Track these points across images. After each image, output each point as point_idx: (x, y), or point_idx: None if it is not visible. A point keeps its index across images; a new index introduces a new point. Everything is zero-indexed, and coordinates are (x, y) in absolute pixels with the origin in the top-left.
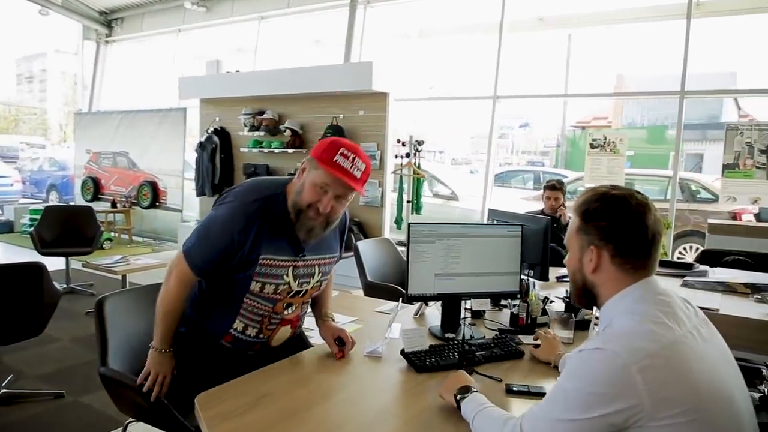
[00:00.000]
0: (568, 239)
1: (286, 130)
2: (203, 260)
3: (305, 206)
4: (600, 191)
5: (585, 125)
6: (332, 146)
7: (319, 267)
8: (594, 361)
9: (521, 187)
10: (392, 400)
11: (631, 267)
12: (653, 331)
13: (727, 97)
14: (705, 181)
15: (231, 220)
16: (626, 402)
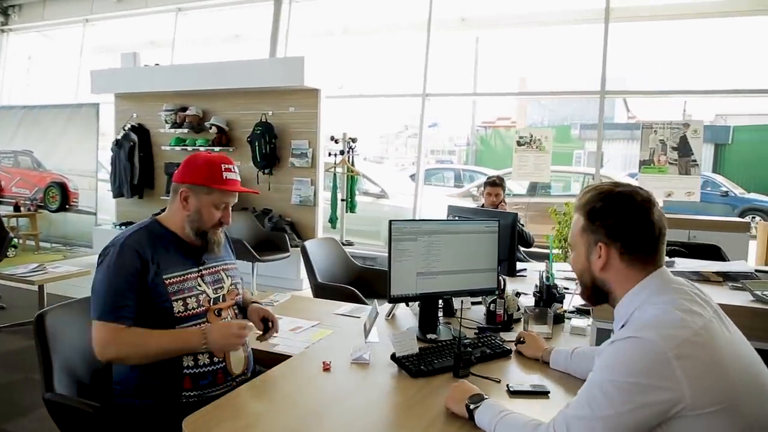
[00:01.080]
0: (572, 239)
1: (211, 127)
2: (120, 306)
3: (209, 227)
4: (604, 189)
5: (490, 125)
6: (211, 166)
7: (224, 272)
8: (629, 350)
9: (441, 184)
10: (398, 410)
11: (641, 262)
12: (683, 318)
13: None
14: (616, 176)
15: (122, 259)
16: (667, 393)
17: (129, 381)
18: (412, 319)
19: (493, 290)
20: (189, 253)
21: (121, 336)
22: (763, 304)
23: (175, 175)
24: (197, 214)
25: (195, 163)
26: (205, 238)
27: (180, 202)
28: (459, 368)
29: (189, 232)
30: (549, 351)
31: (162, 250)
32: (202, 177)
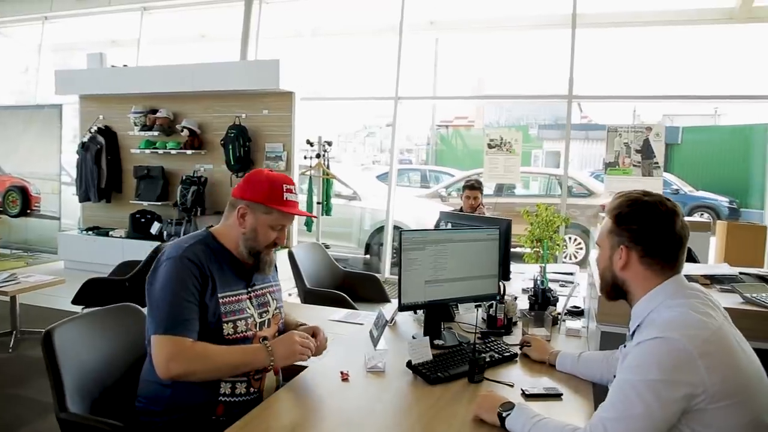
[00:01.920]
0: (600, 239)
1: (183, 130)
2: (186, 319)
3: (263, 248)
4: (633, 197)
5: (448, 124)
6: (274, 185)
7: (270, 294)
8: (657, 350)
9: (407, 185)
10: (424, 419)
11: (659, 267)
12: (701, 320)
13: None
14: (579, 177)
15: (184, 271)
16: (692, 388)
17: (159, 398)
18: (413, 325)
19: (494, 296)
20: (241, 272)
21: (190, 350)
22: (754, 305)
23: (235, 190)
24: (253, 233)
25: (257, 180)
26: (258, 258)
27: (237, 219)
28: (474, 373)
29: (243, 250)
30: (555, 354)
31: (217, 266)
32: (263, 195)
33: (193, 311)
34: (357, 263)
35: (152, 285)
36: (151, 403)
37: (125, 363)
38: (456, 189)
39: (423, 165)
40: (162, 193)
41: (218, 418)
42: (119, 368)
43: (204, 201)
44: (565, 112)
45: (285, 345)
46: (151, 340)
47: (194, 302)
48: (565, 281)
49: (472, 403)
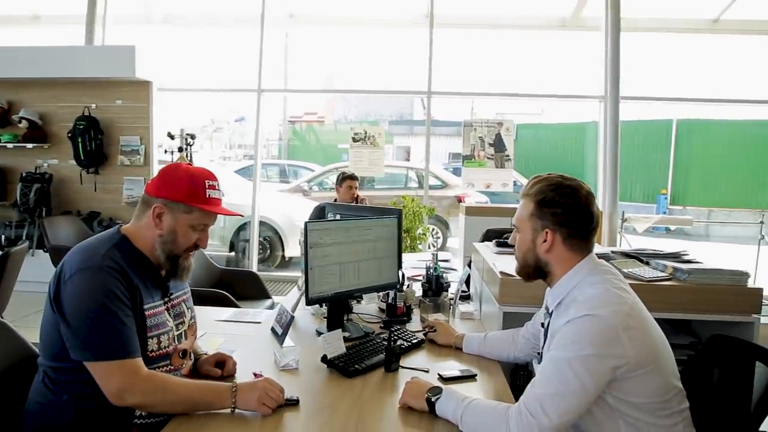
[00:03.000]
0: (519, 222)
1: (21, 121)
2: (128, 337)
3: (183, 251)
4: (555, 181)
5: (298, 120)
6: (194, 181)
7: (185, 303)
8: (588, 327)
9: (265, 180)
10: (352, 412)
11: (578, 247)
12: (620, 295)
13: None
14: (435, 170)
15: (108, 282)
16: (618, 353)
17: (58, 424)
18: (310, 320)
19: (395, 285)
20: (158, 280)
21: (145, 377)
22: (632, 279)
23: (149, 186)
24: (171, 235)
25: (175, 175)
26: (176, 263)
27: (152, 219)
28: (391, 362)
29: (160, 254)
30: (461, 337)
31: (137, 274)
32: (182, 193)
33: (132, 325)
34: (221, 261)
35: (68, 301)
36: (47, 428)
37: None
38: (318, 183)
39: (282, 160)
40: None
41: None
42: None
43: (50, 200)
44: (410, 109)
45: (252, 392)
46: (88, 366)
47: (130, 315)
48: (446, 268)
49: (394, 391)
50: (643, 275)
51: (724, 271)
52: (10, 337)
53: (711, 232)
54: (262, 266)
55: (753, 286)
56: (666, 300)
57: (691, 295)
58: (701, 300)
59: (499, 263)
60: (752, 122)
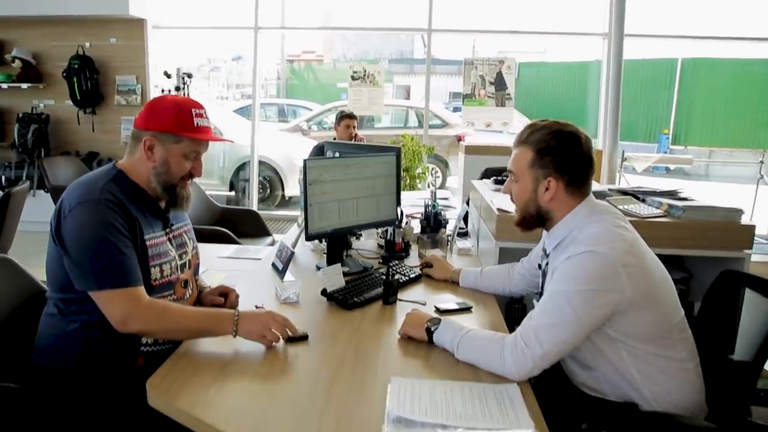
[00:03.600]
0: (518, 171)
1: (14, 61)
2: (130, 266)
3: (179, 180)
4: (553, 128)
5: (296, 58)
6: (180, 111)
7: (186, 234)
8: (588, 262)
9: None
10: (352, 343)
11: (579, 191)
12: (621, 233)
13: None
14: (435, 109)
15: (107, 214)
16: (616, 288)
17: (69, 353)
18: (310, 255)
19: (393, 221)
20: (157, 211)
21: (147, 305)
22: (629, 216)
23: (137, 120)
24: (165, 166)
25: (161, 107)
26: (174, 193)
27: (144, 152)
28: (389, 295)
29: (156, 186)
30: (457, 272)
31: (136, 206)
32: (170, 123)
33: (133, 255)
34: (221, 200)
35: (69, 234)
36: (58, 359)
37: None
38: (317, 122)
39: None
40: None
41: (139, 369)
42: None
43: (48, 141)
44: (411, 47)
45: (254, 323)
46: (93, 295)
47: (130, 245)
48: (445, 206)
49: (392, 323)
50: (639, 212)
51: (717, 208)
52: (18, 274)
53: (711, 172)
54: (262, 205)
55: (746, 223)
56: (660, 236)
57: (685, 231)
58: (694, 236)
59: (497, 200)
60: (758, 60)
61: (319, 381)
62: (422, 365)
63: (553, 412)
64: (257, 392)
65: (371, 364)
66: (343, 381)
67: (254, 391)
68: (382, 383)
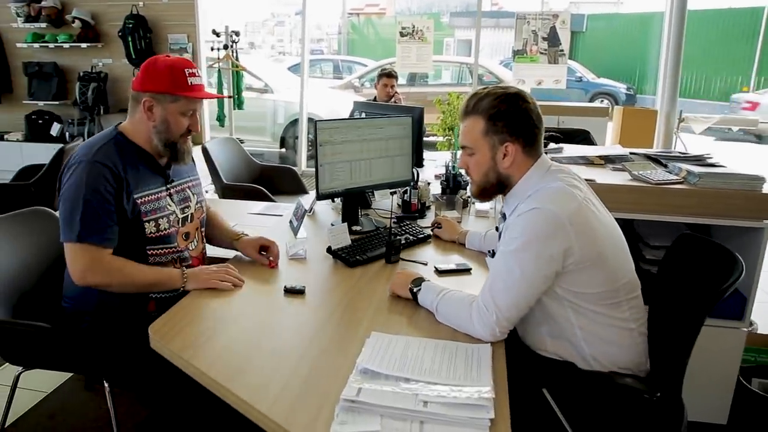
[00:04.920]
0: (473, 142)
1: (74, 21)
2: (103, 227)
3: (178, 137)
4: (498, 93)
5: (359, 12)
6: (175, 71)
7: (190, 189)
8: (535, 219)
9: (320, 76)
10: (347, 298)
11: (533, 151)
12: (572, 193)
13: None
14: (489, 65)
15: (95, 176)
16: (564, 244)
17: (89, 299)
18: (331, 214)
19: (408, 182)
20: (157, 169)
21: (107, 264)
22: (639, 181)
23: (134, 82)
24: (164, 124)
25: (155, 69)
26: (175, 149)
27: (144, 113)
28: (390, 255)
29: (157, 143)
30: (464, 234)
31: (132, 165)
32: (166, 83)
33: (109, 217)
34: (272, 157)
35: (64, 190)
36: (80, 304)
37: (41, 267)
38: (369, 79)
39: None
40: (58, 92)
41: (150, 314)
42: (36, 272)
43: (107, 98)
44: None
45: (201, 274)
46: (65, 245)
47: (110, 207)
48: None
49: (390, 280)
50: (650, 178)
51: (737, 175)
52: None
53: None
54: (311, 163)
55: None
56: (668, 203)
57: (696, 198)
58: (707, 204)
59: None
60: None
61: (304, 332)
62: (406, 323)
63: (513, 371)
64: (244, 341)
65: (358, 319)
66: (327, 333)
67: (242, 341)
68: (362, 337)
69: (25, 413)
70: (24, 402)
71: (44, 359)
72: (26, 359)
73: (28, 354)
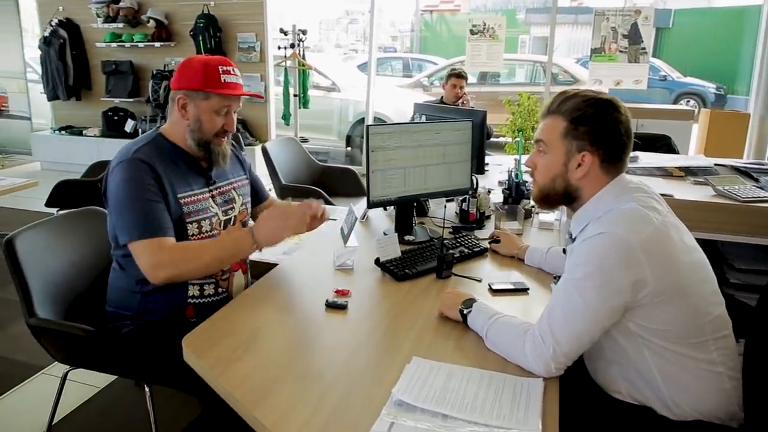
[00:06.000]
0: (549, 142)
1: (149, 21)
2: (159, 219)
3: (212, 136)
4: (588, 96)
5: (433, 9)
6: (208, 69)
7: (236, 191)
8: (601, 245)
9: (390, 74)
10: (390, 315)
11: (613, 168)
12: (647, 215)
13: None
14: (565, 64)
15: (136, 173)
16: (634, 275)
17: (129, 304)
18: (385, 221)
19: (467, 190)
20: (199, 170)
21: (173, 253)
22: (725, 198)
23: (172, 82)
24: (197, 123)
25: (190, 67)
26: (209, 149)
27: (178, 111)
28: (442, 269)
29: (191, 143)
30: (524, 249)
31: (173, 166)
32: (198, 81)
33: (160, 209)
34: (339, 156)
35: (110, 192)
36: (122, 308)
37: (95, 267)
38: (439, 78)
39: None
40: (133, 89)
41: (189, 320)
42: (89, 273)
43: None
44: None
45: (268, 227)
46: (128, 247)
47: (159, 200)
48: None
49: (439, 298)
50: (737, 194)
51: None
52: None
53: None
54: None
55: None
56: (759, 224)
57: None
58: None
59: None
60: None
61: (339, 354)
62: (453, 347)
63: (570, 410)
64: (276, 360)
65: (400, 340)
66: (363, 356)
67: (274, 359)
68: (402, 362)
69: (76, 409)
70: (76, 398)
71: (87, 360)
72: (71, 359)
73: (72, 354)
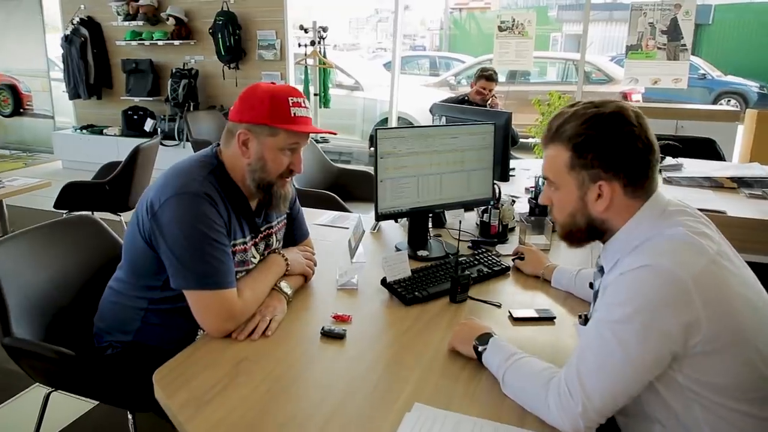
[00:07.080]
0: (556, 178)
1: (168, 19)
2: (228, 265)
3: (276, 178)
4: (587, 113)
5: (464, 6)
6: (276, 100)
7: (275, 234)
8: (645, 280)
9: (417, 73)
10: (394, 346)
11: (641, 189)
12: (699, 244)
13: None
14: (598, 62)
15: (207, 210)
16: (686, 316)
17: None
18: (399, 232)
19: (488, 201)
20: (248, 214)
21: (237, 305)
22: None
23: (232, 112)
24: (260, 162)
25: (254, 97)
26: (270, 192)
27: (238, 147)
28: (456, 293)
29: (250, 184)
30: (551, 269)
31: (229, 206)
32: (265, 114)
33: (228, 255)
34: (362, 156)
35: (169, 230)
36: (116, 328)
37: (83, 281)
38: (467, 77)
39: (433, 51)
40: (153, 88)
41: None
42: (76, 287)
43: (197, 95)
44: None
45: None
46: (186, 295)
47: (228, 245)
48: None
49: (452, 327)
50: None
51: None
52: (100, 234)
53: None
54: None
55: None
56: None
57: None
58: None
59: None
60: None
61: (329, 397)
62: (462, 392)
63: None
64: (255, 402)
65: (401, 381)
66: (357, 400)
67: (253, 401)
68: (401, 408)
69: (65, 428)
70: (63, 417)
71: (66, 383)
72: (50, 381)
73: (51, 377)
